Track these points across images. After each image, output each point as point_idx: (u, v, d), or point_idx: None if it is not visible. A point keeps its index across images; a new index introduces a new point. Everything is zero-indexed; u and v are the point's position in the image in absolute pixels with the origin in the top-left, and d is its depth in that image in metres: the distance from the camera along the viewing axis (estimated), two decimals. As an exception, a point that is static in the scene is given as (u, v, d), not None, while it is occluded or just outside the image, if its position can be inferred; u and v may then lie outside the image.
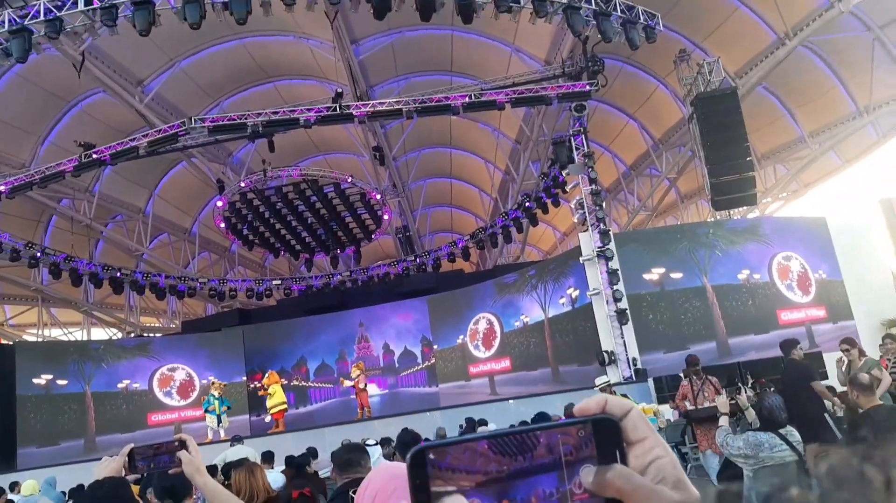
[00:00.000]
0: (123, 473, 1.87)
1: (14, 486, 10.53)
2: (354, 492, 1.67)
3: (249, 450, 6.66)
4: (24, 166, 18.59)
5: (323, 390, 23.06)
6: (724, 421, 4.88)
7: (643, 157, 22.38)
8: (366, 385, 17.95)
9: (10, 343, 20.64)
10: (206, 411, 16.98)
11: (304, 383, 22.92)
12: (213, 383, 17.46)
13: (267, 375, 17.99)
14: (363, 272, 24.48)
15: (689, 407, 8.25)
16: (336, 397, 22.69)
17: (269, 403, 17.32)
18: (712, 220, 19.85)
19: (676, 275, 16.25)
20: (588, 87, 15.39)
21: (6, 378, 18.05)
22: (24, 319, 24.73)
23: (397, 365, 23.13)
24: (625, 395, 8.04)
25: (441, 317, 22.17)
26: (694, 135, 16.95)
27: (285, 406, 17.59)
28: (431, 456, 0.53)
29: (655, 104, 20.41)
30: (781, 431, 4.55)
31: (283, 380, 19.66)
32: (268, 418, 17.29)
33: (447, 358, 21.97)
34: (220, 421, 16.80)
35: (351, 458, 3.10)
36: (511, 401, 17.04)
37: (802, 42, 16.76)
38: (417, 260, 23.81)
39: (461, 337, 21.52)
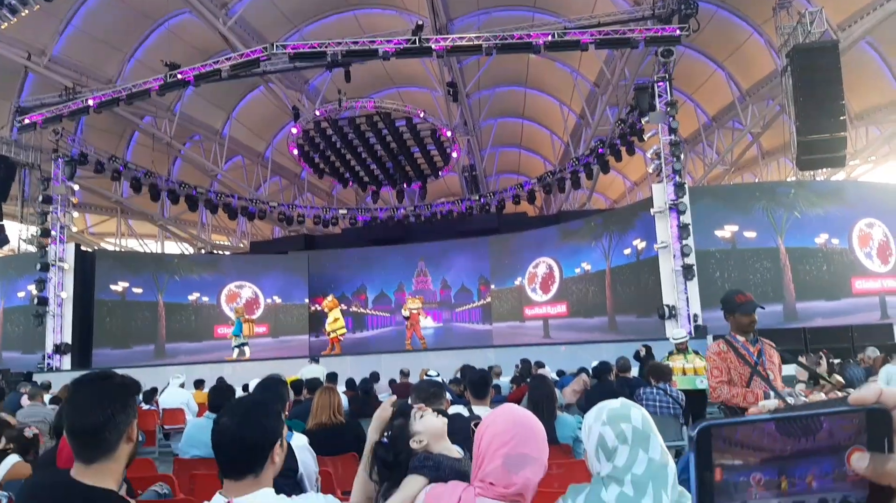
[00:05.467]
0: None
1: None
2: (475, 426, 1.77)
3: (320, 370, 7.22)
4: (111, 81, 19.20)
5: (380, 318, 23.76)
6: (801, 387, 4.85)
7: (727, 108, 21.41)
8: (419, 318, 18.33)
9: (92, 250, 21.78)
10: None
11: (362, 310, 23.64)
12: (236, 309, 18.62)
13: (329, 299, 18.58)
14: (427, 208, 24.66)
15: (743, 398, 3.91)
16: (392, 325, 23.37)
17: (328, 326, 17.96)
18: (793, 179, 19.04)
19: (750, 234, 15.83)
20: (678, 32, 14.68)
21: (86, 282, 19.15)
22: (102, 228, 26.04)
23: (453, 300, 23.54)
24: (696, 352, 7.97)
25: (501, 257, 22.27)
26: (785, 89, 16.06)
27: (343, 331, 18.23)
28: (723, 432, 0.59)
29: (747, 53, 19.35)
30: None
31: (342, 305, 20.29)
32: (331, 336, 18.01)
33: (503, 298, 22.18)
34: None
35: (436, 392, 3.35)
36: (564, 347, 17.16)
37: (918, -6, 15.52)
38: (482, 199, 23.79)
39: (519, 278, 21.64)
